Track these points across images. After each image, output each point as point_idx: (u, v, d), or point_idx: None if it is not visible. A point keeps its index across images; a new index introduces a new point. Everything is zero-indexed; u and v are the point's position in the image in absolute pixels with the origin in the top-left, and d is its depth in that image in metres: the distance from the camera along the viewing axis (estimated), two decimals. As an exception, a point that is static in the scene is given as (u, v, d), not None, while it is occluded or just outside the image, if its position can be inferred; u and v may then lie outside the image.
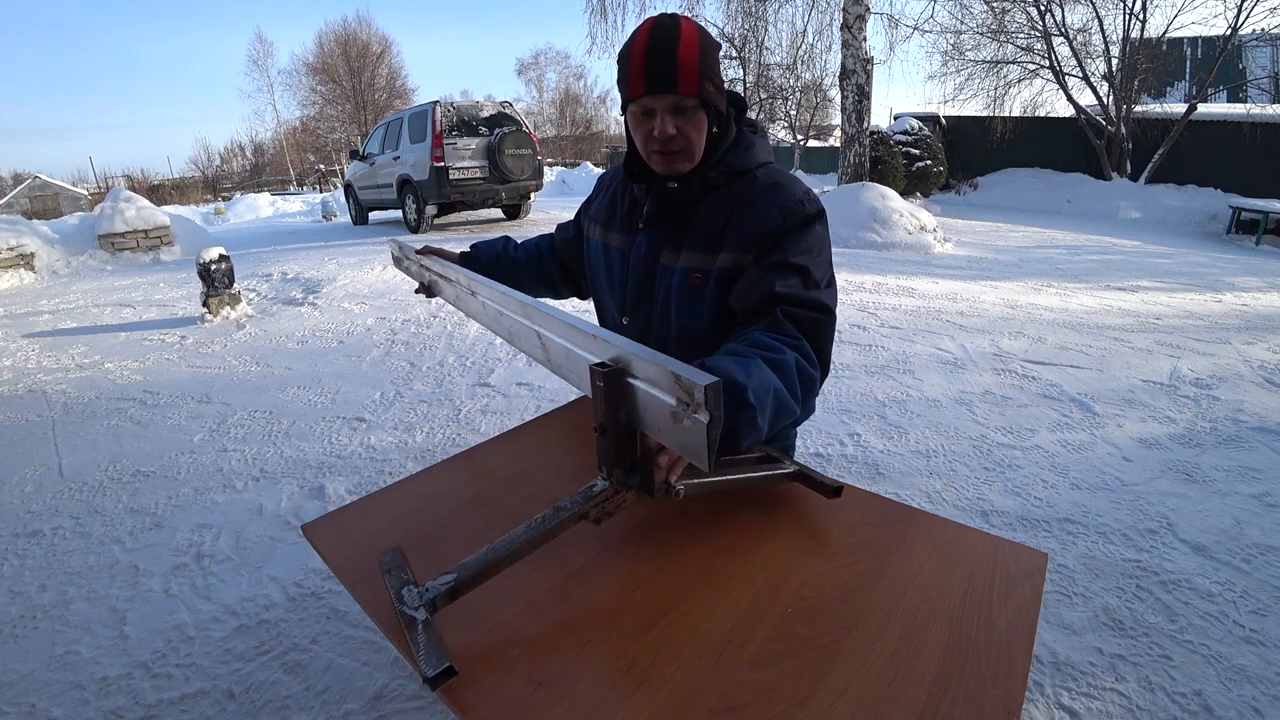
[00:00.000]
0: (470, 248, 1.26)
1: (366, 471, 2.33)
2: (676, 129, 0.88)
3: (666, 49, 0.84)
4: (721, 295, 0.94)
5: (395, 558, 0.70)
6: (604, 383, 0.61)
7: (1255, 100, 10.84)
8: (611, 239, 1.07)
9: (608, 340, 0.63)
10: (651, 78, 0.85)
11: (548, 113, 36.95)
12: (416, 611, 0.61)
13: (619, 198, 1.07)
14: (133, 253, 7.17)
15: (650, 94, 0.86)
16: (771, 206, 0.91)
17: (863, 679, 0.58)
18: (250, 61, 38.31)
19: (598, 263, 1.11)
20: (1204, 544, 1.83)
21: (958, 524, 0.80)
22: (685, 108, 0.87)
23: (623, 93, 0.90)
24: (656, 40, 0.85)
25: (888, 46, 10.33)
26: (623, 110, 0.94)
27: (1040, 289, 4.94)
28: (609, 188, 1.11)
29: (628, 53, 0.87)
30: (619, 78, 0.90)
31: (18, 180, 34.88)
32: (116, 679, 1.44)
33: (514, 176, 7.80)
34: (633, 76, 0.87)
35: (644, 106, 0.88)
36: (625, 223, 1.04)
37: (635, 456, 0.68)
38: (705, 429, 0.52)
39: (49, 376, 3.48)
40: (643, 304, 1.02)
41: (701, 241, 0.94)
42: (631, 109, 0.91)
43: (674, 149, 0.90)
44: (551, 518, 0.67)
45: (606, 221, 1.09)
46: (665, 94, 0.86)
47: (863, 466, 2.31)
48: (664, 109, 0.87)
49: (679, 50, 0.84)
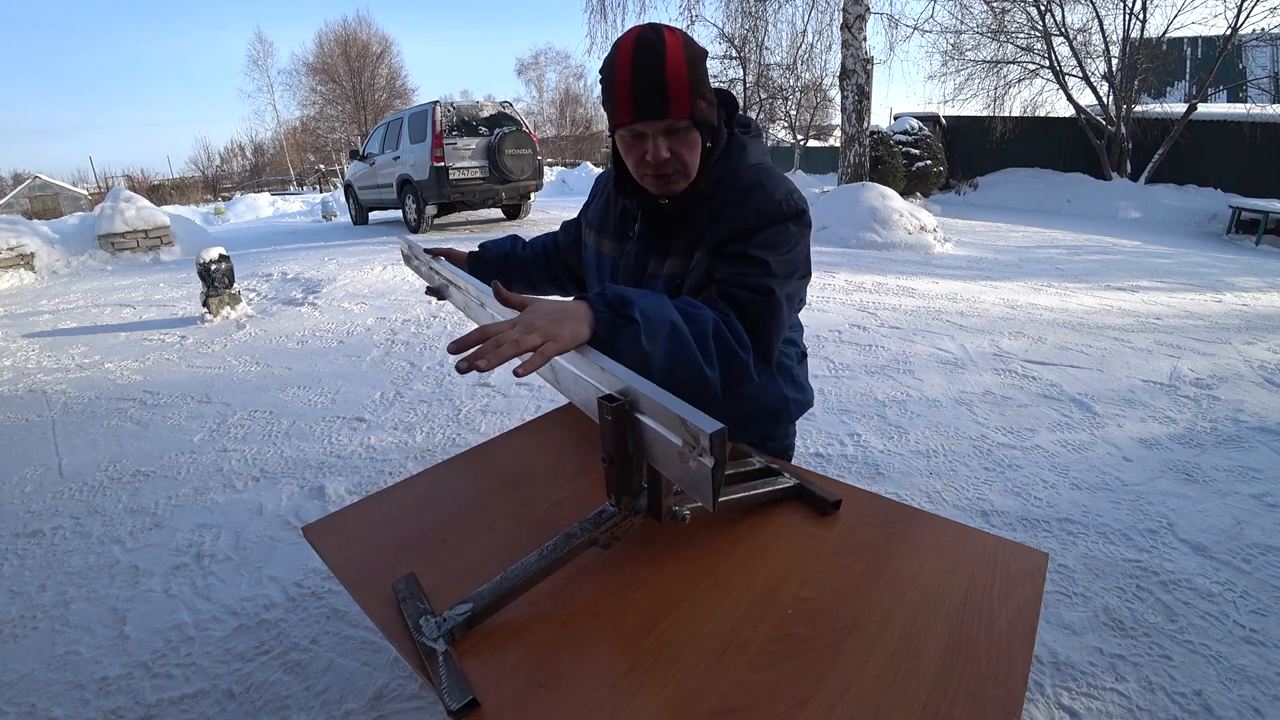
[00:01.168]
0: (479, 247, 1.25)
1: (366, 471, 2.33)
2: (670, 151, 0.85)
3: (653, 70, 0.79)
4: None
5: (409, 585, 0.70)
6: (612, 417, 0.62)
7: (1255, 100, 10.85)
8: (604, 246, 1.07)
9: (615, 374, 0.64)
10: (640, 104, 0.81)
11: (548, 113, 36.99)
12: (436, 643, 0.61)
13: (611, 205, 1.06)
14: (133, 253, 7.17)
15: (640, 120, 0.82)
16: (748, 208, 0.88)
17: (863, 679, 0.58)
18: (250, 61, 38.37)
19: (591, 267, 1.11)
20: (1204, 544, 1.83)
21: (958, 524, 0.80)
22: (678, 129, 0.84)
23: (610, 116, 0.86)
24: (641, 60, 0.80)
25: (888, 46, 10.35)
26: (610, 132, 0.89)
27: (1040, 289, 4.94)
28: (602, 193, 1.11)
29: (611, 75, 0.82)
30: (605, 99, 0.86)
31: (18, 180, 34.92)
32: (116, 679, 1.44)
33: (514, 176, 7.80)
34: (619, 103, 0.82)
35: (634, 132, 0.85)
36: (616, 231, 1.03)
37: (642, 484, 0.70)
38: (710, 472, 0.54)
39: (49, 376, 3.49)
40: None
41: (683, 248, 0.93)
42: (620, 133, 0.87)
43: (668, 171, 0.87)
44: (563, 544, 0.69)
45: (600, 228, 1.08)
46: (656, 119, 0.82)
47: (863, 466, 2.31)
48: (656, 133, 0.84)
49: (666, 70, 0.79)
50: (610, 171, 1.06)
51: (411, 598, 0.68)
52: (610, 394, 0.64)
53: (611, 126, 0.88)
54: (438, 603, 0.68)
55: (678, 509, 0.72)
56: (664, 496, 0.70)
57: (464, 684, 0.57)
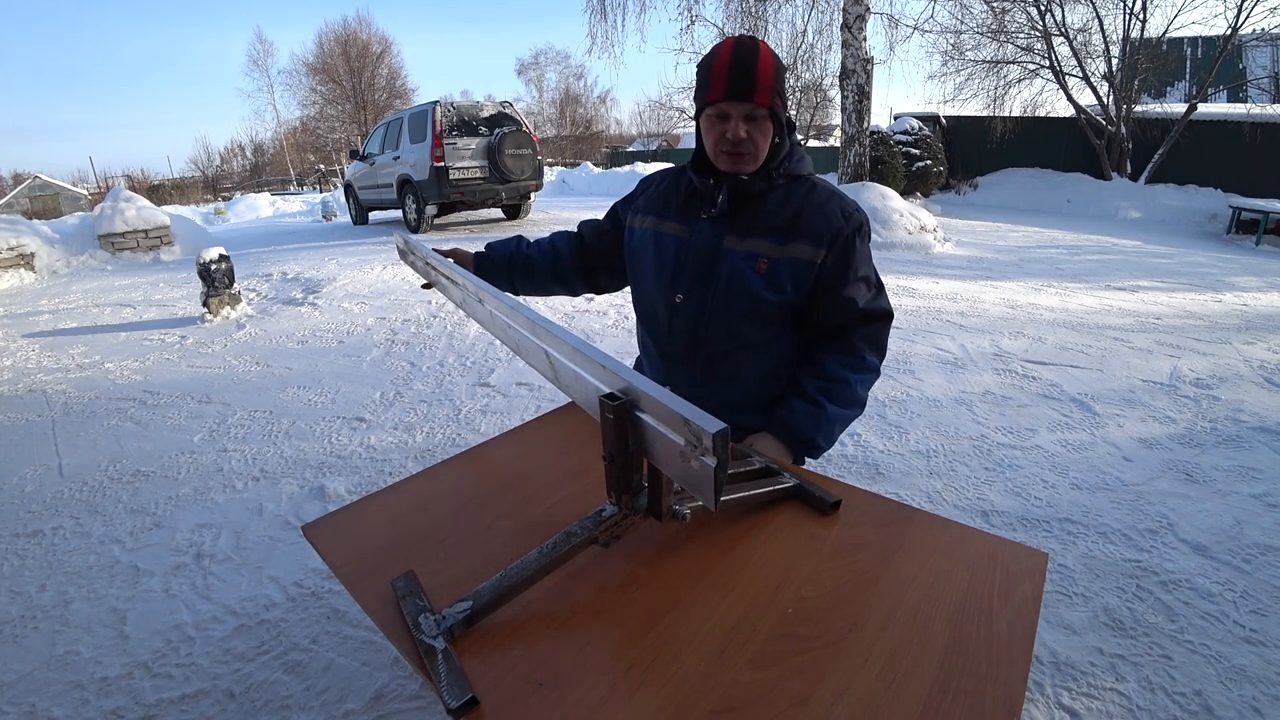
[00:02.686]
0: (485, 247, 1.32)
1: (366, 471, 2.33)
2: (747, 133, 0.99)
3: (747, 63, 0.96)
4: (790, 280, 1.06)
5: (409, 582, 0.70)
6: (613, 415, 0.63)
7: (1255, 100, 10.83)
8: (665, 227, 1.16)
9: (616, 372, 0.64)
10: (733, 86, 0.96)
11: (548, 113, 36.95)
12: (435, 640, 0.61)
13: (673, 191, 1.17)
14: (133, 253, 7.17)
15: (729, 100, 0.98)
16: (835, 211, 1.06)
17: (863, 679, 0.58)
18: (250, 61, 38.28)
19: (648, 249, 1.18)
20: (1204, 544, 1.83)
21: (958, 524, 0.80)
22: (757, 116, 0.99)
23: (701, 98, 1.02)
24: (739, 54, 0.96)
25: (888, 46, 10.32)
26: (697, 115, 1.06)
27: (1040, 289, 4.94)
28: (659, 185, 1.22)
29: (710, 63, 0.98)
30: (699, 84, 1.01)
31: (18, 180, 34.90)
32: (117, 679, 1.44)
33: (514, 176, 7.80)
34: (715, 83, 0.98)
35: (721, 111, 1.00)
36: (682, 212, 1.14)
37: (642, 483, 0.70)
38: (713, 472, 0.53)
39: (49, 376, 3.49)
40: (699, 284, 1.11)
41: (769, 231, 1.06)
42: (708, 112, 1.02)
43: (743, 151, 1.01)
44: (563, 543, 0.69)
45: (660, 212, 1.18)
46: (742, 101, 0.97)
47: (863, 466, 2.30)
48: (739, 115, 0.99)
49: (758, 65, 0.96)
50: (664, 171, 1.23)
51: (410, 595, 0.68)
52: (612, 392, 0.64)
53: (700, 106, 1.03)
54: (437, 601, 0.68)
55: (678, 508, 0.72)
56: (664, 496, 0.70)
57: (464, 682, 0.57)
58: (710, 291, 1.10)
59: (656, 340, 1.19)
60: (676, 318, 1.13)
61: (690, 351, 1.14)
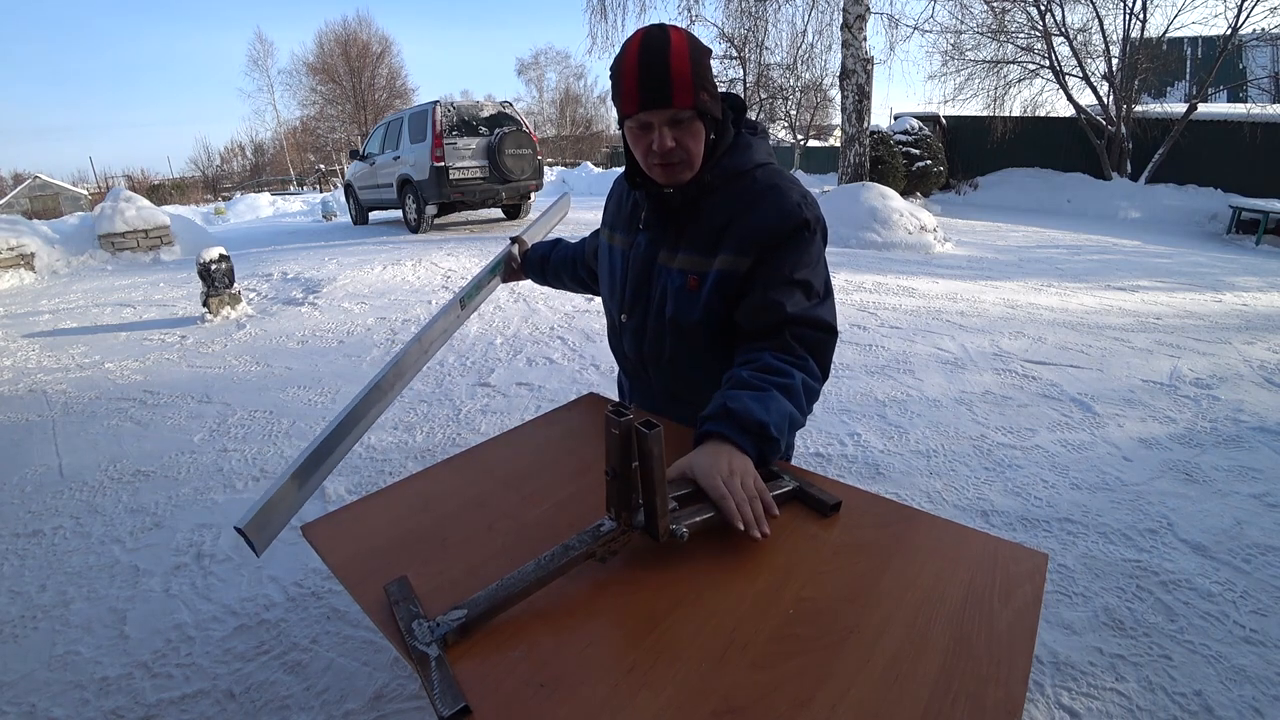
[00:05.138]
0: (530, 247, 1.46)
1: (366, 471, 2.33)
2: (675, 141, 0.89)
3: (658, 63, 0.84)
4: (718, 296, 0.96)
5: (401, 588, 0.70)
6: (618, 431, 0.63)
7: (1255, 100, 10.83)
8: (615, 240, 1.11)
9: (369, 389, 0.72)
10: (646, 94, 0.86)
11: (548, 113, 36.94)
12: (429, 648, 0.61)
13: (623, 201, 1.11)
14: (133, 252, 7.17)
15: (646, 110, 0.87)
16: (769, 209, 0.93)
17: (864, 680, 0.58)
18: (250, 61, 38.35)
19: (603, 263, 1.16)
20: (1204, 544, 1.83)
21: (958, 525, 0.80)
22: (682, 120, 0.88)
23: (618, 108, 0.91)
24: (647, 55, 0.85)
25: (888, 46, 10.34)
26: (619, 125, 0.95)
27: (1040, 289, 4.94)
28: (616, 193, 1.15)
29: (619, 69, 0.87)
30: (614, 93, 0.91)
31: (18, 180, 34.89)
32: (117, 679, 1.44)
33: (514, 176, 7.80)
34: (626, 93, 0.87)
35: (641, 122, 0.89)
36: (628, 224, 1.08)
37: (640, 500, 0.70)
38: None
39: (49, 376, 3.48)
40: (639, 301, 1.05)
41: (698, 244, 0.97)
42: (629, 124, 0.92)
43: (674, 160, 0.91)
44: (560, 555, 0.69)
45: (613, 224, 1.13)
46: (660, 108, 0.87)
47: (863, 466, 2.31)
48: (661, 122, 0.88)
49: (671, 63, 0.84)
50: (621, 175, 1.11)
51: (404, 600, 0.68)
52: (618, 407, 0.64)
53: (620, 118, 0.93)
54: (437, 603, 0.68)
55: (675, 528, 0.72)
56: (660, 517, 0.70)
57: (456, 690, 0.57)
58: (648, 311, 1.04)
59: (617, 355, 1.18)
60: (625, 335, 1.10)
61: (641, 369, 1.11)
